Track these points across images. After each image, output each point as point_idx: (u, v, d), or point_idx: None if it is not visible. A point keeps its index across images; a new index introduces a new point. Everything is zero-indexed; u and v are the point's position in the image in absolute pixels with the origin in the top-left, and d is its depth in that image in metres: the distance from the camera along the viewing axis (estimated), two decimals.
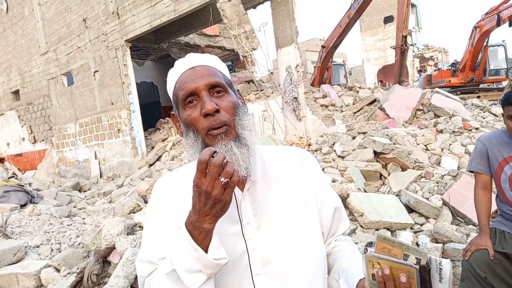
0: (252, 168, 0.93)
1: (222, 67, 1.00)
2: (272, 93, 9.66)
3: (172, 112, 1.04)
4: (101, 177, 11.72)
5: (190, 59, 0.98)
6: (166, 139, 11.48)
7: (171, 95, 1.01)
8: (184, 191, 0.96)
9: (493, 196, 2.32)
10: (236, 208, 0.91)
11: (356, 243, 2.58)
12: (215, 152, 0.78)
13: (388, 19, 26.43)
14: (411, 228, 3.89)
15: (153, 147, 11.07)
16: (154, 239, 0.94)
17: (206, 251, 0.79)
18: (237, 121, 0.93)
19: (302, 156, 1.09)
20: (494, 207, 2.34)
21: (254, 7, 10.21)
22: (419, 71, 21.81)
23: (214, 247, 0.80)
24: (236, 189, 0.94)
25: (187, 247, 0.79)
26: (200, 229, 0.78)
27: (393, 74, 14.32)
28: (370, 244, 0.85)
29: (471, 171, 2.34)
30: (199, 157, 0.77)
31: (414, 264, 0.77)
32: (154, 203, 1.01)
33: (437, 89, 10.34)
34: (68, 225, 5.43)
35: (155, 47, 13.76)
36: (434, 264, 0.77)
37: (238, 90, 1.04)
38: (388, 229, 3.81)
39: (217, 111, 0.90)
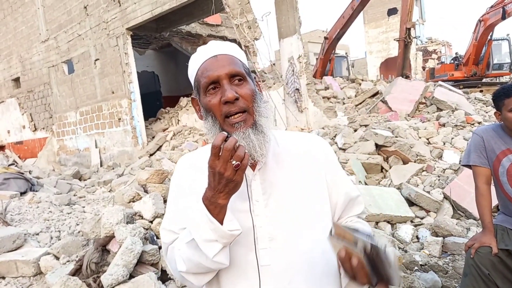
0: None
1: (241, 56, 1.06)
2: (274, 84, 9.61)
3: (192, 96, 1.12)
4: (101, 166, 11.71)
5: (212, 47, 1.04)
6: (167, 129, 11.45)
7: (192, 80, 1.07)
8: (204, 169, 1.03)
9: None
10: (246, 186, 0.99)
11: None
12: (227, 136, 0.85)
13: (391, 11, 26.20)
14: (412, 222, 3.89)
15: (153, 137, 11.04)
16: (175, 210, 1.06)
17: (221, 223, 0.89)
18: (256, 108, 1.00)
19: (316, 142, 1.14)
20: (494, 201, 2.29)
21: None
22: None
23: (228, 219, 0.90)
24: (248, 169, 1.02)
25: (204, 220, 0.89)
26: (216, 204, 0.88)
27: (396, 67, 14.23)
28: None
29: (469, 166, 2.22)
30: (212, 142, 0.85)
31: (361, 250, 0.87)
32: (177, 177, 1.12)
33: (440, 82, 10.28)
34: (68, 213, 5.43)
35: (156, 36, 13.62)
36: (381, 250, 0.87)
37: (255, 78, 1.09)
38: (388, 222, 3.80)
39: (237, 98, 0.97)
